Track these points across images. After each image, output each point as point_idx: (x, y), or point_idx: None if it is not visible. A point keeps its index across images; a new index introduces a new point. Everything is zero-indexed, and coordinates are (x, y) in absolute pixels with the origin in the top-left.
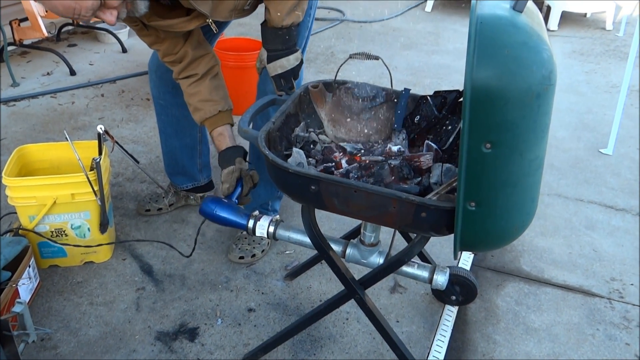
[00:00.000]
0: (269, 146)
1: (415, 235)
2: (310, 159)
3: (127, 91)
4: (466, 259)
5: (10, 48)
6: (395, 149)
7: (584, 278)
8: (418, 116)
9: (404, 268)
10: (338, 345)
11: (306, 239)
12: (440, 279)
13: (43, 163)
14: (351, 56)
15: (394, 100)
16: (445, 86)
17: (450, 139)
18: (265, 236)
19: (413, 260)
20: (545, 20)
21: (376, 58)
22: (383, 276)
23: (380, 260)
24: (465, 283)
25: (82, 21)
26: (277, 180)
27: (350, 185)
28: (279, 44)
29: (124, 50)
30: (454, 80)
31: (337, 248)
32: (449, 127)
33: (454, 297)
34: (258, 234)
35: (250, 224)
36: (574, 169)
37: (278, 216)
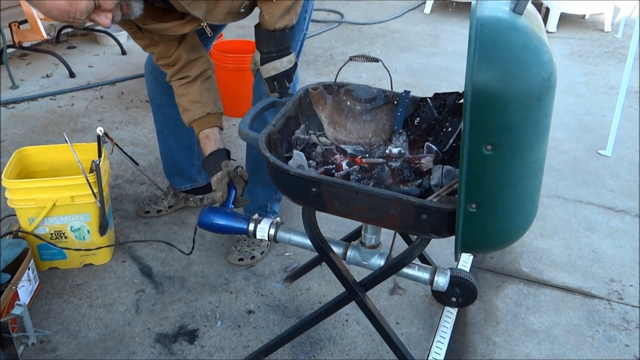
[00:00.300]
0: (269, 148)
1: (416, 237)
2: (310, 161)
3: (127, 93)
4: (465, 261)
5: (9, 50)
6: (395, 151)
7: (584, 279)
8: (418, 118)
9: (405, 270)
10: (338, 347)
11: (307, 241)
12: (441, 281)
13: (42, 165)
14: (351, 58)
15: (394, 102)
16: (445, 88)
17: (451, 141)
18: (266, 239)
19: (414, 262)
20: (544, 21)
21: (376, 60)
22: (384, 278)
23: (381, 262)
24: (465, 285)
25: (78, 25)
26: (278, 182)
27: (351, 187)
28: (272, 47)
29: (124, 53)
30: (453, 82)
31: (338, 250)
32: (449, 129)
33: (454, 299)
34: (259, 236)
35: (251, 227)
36: (572, 171)
37: (278, 218)
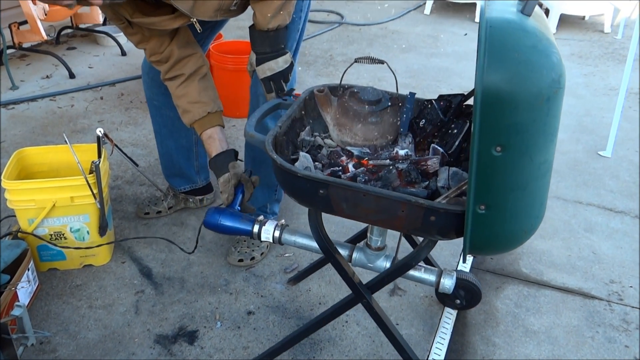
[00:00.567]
0: (275, 150)
1: (422, 239)
2: (316, 163)
3: (127, 94)
4: (465, 262)
5: (9, 51)
6: (402, 152)
7: (583, 280)
8: (423, 120)
9: (411, 272)
10: (337, 348)
11: (312, 243)
12: (447, 283)
13: (42, 166)
14: (356, 60)
15: (399, 104)
16: (444, 88)
17: (456, 143)
18: (271, 241)
19: (419, 264)
20: None
21: (381, 62)
22: (390, 280)
23: (387, 264)
24: (470, 287)
25: (67, 5)
26: (285, 184)
27: (359, 189)
28: (267, 47)
29: (123, 53)
30: (453, 83)
31: (344, 252)
32: (455, 131)
33: (458, 301)
34: (263, 239)
35: (256, 229)
36: (572, 172)
37: (283, 220)
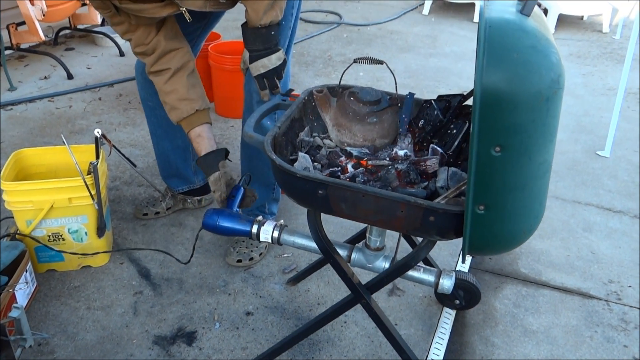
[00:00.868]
0: (275, 151)
1: (421, 239)
2: (315, 164)
3: (125, 95)
4: (464, 262)
5: (7, 52)
6: (401, 153)
7: (582, 280)
8: (422, 120)
9: (410, 272)
10: (336, 349)
11: (311, 244)
12: (447, 284)
13: (40, 167)
14: (355, 61)
15: (398, 104)
16: (443, 89)
17: (456, 143)
18: (270, 241)
19: (418, 264)
20: None
21: (380, 62)
22: (389, 281)
23: (386, 265)
24: (469, 287)
25: None
26: (284, 184)
27: (358, 189)
28: (260, 44)
29: (122, 54)
30: (452, 83)
31: (343, 253)
32: (454, 131)
33: (457, 301)
34: (262, 239)
35: (254, 229)
36: (571, 171)
37: (282, 221)
